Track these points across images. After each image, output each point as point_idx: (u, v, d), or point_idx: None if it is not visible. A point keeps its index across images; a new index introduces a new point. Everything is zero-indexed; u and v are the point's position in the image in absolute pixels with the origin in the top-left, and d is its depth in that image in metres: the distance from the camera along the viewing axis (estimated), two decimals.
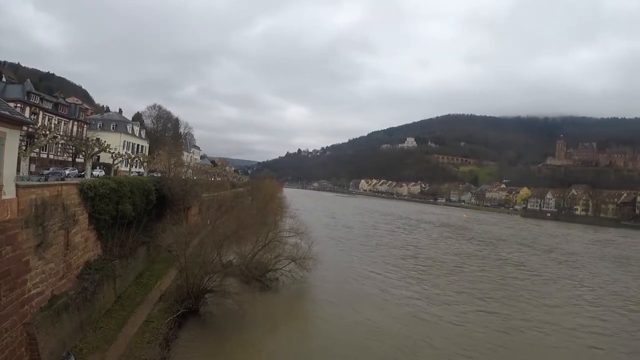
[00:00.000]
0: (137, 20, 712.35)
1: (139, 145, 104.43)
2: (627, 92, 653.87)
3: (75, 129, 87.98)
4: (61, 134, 78.06)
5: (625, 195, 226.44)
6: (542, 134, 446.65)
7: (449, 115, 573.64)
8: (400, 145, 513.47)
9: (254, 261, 47.67)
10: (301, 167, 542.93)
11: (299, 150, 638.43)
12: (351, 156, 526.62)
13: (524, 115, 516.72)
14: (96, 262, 33.95)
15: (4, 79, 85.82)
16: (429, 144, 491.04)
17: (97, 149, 47.57)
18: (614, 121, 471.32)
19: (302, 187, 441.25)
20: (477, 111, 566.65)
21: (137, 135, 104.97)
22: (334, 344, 33.70)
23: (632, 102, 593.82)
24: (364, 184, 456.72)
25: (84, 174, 44.13)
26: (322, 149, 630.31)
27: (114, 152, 56.06)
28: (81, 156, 64.33)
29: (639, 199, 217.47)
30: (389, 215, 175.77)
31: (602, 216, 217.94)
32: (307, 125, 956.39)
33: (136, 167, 77.74)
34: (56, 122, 78.74)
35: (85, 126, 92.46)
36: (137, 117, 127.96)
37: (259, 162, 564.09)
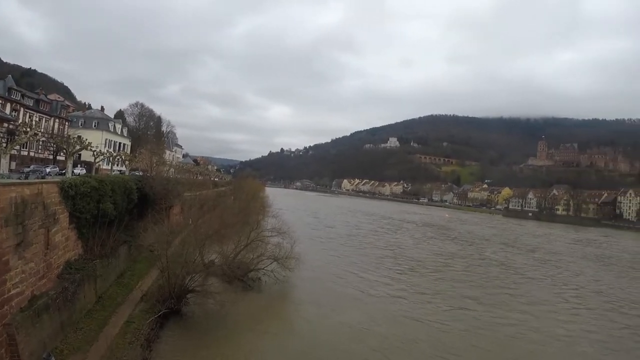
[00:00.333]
0: (121, 17, 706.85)
1: (120, 143, 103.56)
2: (608, 94, 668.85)
3: (56, 126, 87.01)
4: (42, 131, 76.88)
5: (605, 195, 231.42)
6: (524, 134, 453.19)
7: (431, 115, 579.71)
8: (383, 145, 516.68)
9: (236, 261, 47.65)
10: (284, 167, 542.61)
11: (282, 149, 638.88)
12: (334, 156, 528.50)
13: (506, 115, 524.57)
14: (77, 261, 33.62)
15: None
16: (411, 144, 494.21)
17: (78, 147, 47.22)
18: (595, 122, 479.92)
19: (285, 187, 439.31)
20: (460, 111, 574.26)
21: (119, 133, 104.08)
22: (316, 345, 33.75)
23: (612, 103, 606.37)
24: (346, 184, 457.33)
25: (65, 172, 43.81)
26: (305, 148, 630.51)
27: (95, 150, 55.57)
28: (62, 154, 63.64)
29: (619, 199, 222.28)
30: (372, 215, 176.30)
31: (583, 216, 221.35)
32: (290, 124, 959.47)
33: (118, 165, 77.14)
34: (37, 119, 77.58)
35: (66, 123, 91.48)
36: (119, 115, 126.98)
37: (242, 162, 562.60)
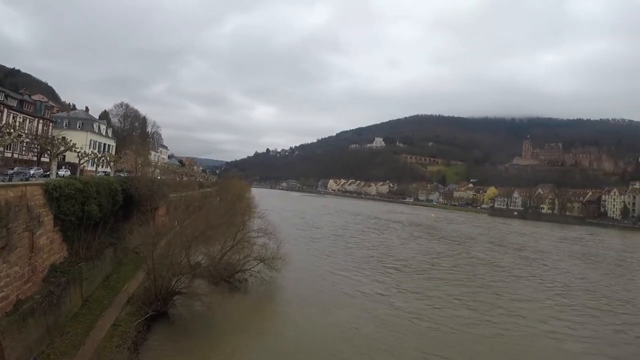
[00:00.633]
0: (106, 16, 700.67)
1: (105, 144, 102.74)
2: (592, 94, 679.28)
3: (40, 127, 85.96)
4: (26, 132, 76.10)
5: (590, 194, 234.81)
6: (509, 134, 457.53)
7: (417, 115, 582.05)
8: (368, 145, 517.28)
9: (223, 262, 47.50)
10: (270, 167, 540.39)
11: (268, 150, 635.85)
12: (320, 156, 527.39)
13: (491, 115, 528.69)
14: (62, 264, 33.32)
15: None
16: (397, 144, 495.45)
17: (62, 148, 46.80)
18: (579, 122, 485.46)
19: (271, 187, 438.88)
20: (445, 111, 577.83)
21: (104, 134, 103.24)
22: (304, 346, 33.82)
23: (596, 104, 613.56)
24: (332, 184, 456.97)
25: (49, 173, 43.45)
26: (291, 148, 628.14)
27: (80, 152, 55.06)
28: (46, 155, 63.06)
29: (603, 197, 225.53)
30: (358, 215, 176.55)
31: (568, 214, 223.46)
32: (276, 124, 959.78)
33: (103, 166, 76.50)
34: (21, 120, 76.67)
35: (50, 124, 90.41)
36: (104, 115, 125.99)
37: (227, 162, 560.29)
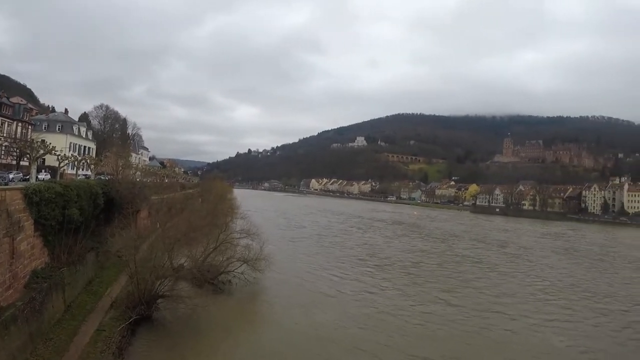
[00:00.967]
0: (85, 18, 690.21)
1: (85, 147, 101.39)
2: (571, 92, 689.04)
3: (19, 130, 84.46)
4: (4, 135, 75.00)
5: (570, 190, 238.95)
6: (490, 132, 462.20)
7: (398, 114, 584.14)
8: (350, 144, 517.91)
9: (206, 264, 47.44)
10: (252, 168, 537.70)
11: (249, 150, 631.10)
12: (302, 156, 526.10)
13: (472, 114, 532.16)
14: (43, 270, 32.87)
15: None
16: (379, 143, 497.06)
17: (42, 152, 46.17)
18: (559, 120, 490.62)
19: (253, 188, 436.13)
20: (426, 110, 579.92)
21: (84, 136, 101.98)
22: (289, 346, 33.84)
23: (576, 101, 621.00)
24: (315, 184, 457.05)
25: (28, 177, 42.98)
26: (273, 148, 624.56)
27: (59, 155, 54.31)
28: (26, 159, 62.07)
29: (584, 193, 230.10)
30: (341, 214, 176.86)
31: (549, 210, 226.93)
32: (258, 125, 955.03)
33: (83, 169, 75.64)
34: None
35: (29, 127, 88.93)
36: (84, 117, 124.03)
37: (209, 163, 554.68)
